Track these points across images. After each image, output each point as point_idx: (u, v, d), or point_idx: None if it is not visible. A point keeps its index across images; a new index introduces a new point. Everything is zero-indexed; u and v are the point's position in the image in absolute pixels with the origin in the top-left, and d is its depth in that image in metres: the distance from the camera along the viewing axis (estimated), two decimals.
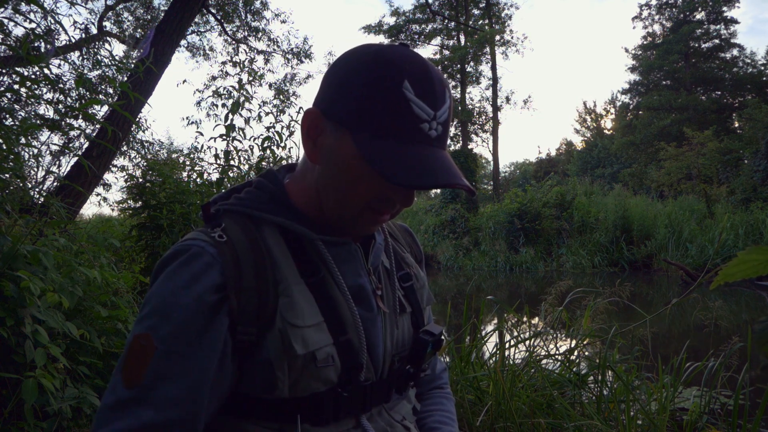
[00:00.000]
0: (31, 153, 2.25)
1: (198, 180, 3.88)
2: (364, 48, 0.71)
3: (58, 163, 2.31)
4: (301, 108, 4.68)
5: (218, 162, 3.75)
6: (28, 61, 1.88)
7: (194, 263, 0.67)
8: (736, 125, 25.66)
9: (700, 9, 28.43)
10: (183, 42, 12.04)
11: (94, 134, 3.89)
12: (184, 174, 4.19)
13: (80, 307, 1.94)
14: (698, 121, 24.88)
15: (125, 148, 9.96)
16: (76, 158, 2.55)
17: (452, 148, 25.85)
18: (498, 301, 3.01)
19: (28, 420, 1.48)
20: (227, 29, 12.01)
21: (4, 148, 1.82)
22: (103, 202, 10.08)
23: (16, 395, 1.54)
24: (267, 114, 3.94)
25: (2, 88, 2.02)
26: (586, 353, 2.69)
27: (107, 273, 1.98)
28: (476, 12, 25.60)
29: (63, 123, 2.44)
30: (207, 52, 13.47)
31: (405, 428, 0.82)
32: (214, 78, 12.60)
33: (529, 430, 1.97)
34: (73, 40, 7.72)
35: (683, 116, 26.05)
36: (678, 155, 18.28)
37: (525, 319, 2.97)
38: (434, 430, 0.90)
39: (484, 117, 26.36)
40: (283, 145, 3.96)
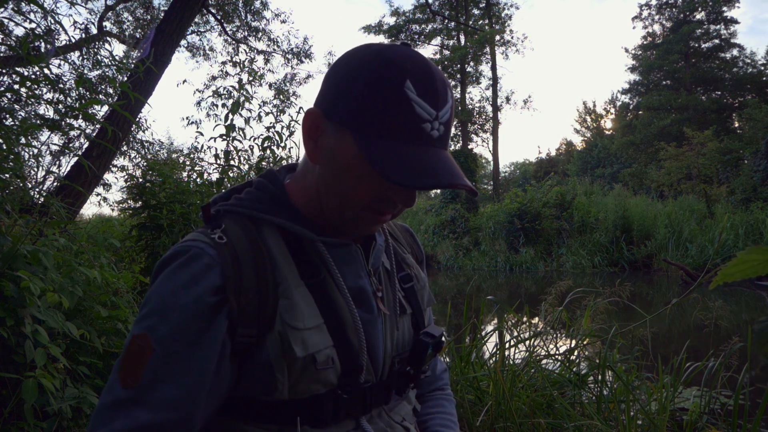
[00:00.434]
0: (31, 153, 2.25)
1: (198, 180, 3.88)
2: (365, 48, 0.70)
3: (58, 163, 2.31)
4: (301, 108, 4.68)
5: (218, 162, 3.76)
6: (28, 61, 1.88)
7: (194, 264, 0.67)
8: (736, 125, 25.67)
9: (700, 9, 28.43)
10: (183, 42, 12.04)
11: (94, 134, 3.89)
12: (184, 174, 4.19)
13: (80, 307, 1.94)
14: (698, 121, 24.89)
15: (125, 148, 9.96)
16: (76, 158, 2.56)
17: (452, 148, 25.84)
18: (498, 301, 3.01)
19: (28, 420, 1.48)
20: (227, 29, 12.00)
21: (4, 148, 1.82)
22: (103, 202, 10.08)
23: (16, 395, 1.54)
24: (267, 114, 3.94)
25: (2, 88, 2.02)
26: (586, 353, 2.69)
27: (107, 273, 1.98)
28: (476, 12, 25.60)
29: (63, 123, 2.44)
30: (207, 52, 13.47)
31: (405, 429, 0.82)
32: (214, 78, 12.62)
33: (529, 430, 1.97)
34: (73, 40, 7.71)
35: (683, 116, 26.05)
36: (678, 155, 18.28)
37: (525, 319, 2.97)
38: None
39: (484, 117, 26.37)
40: (283, 145, 3.97)
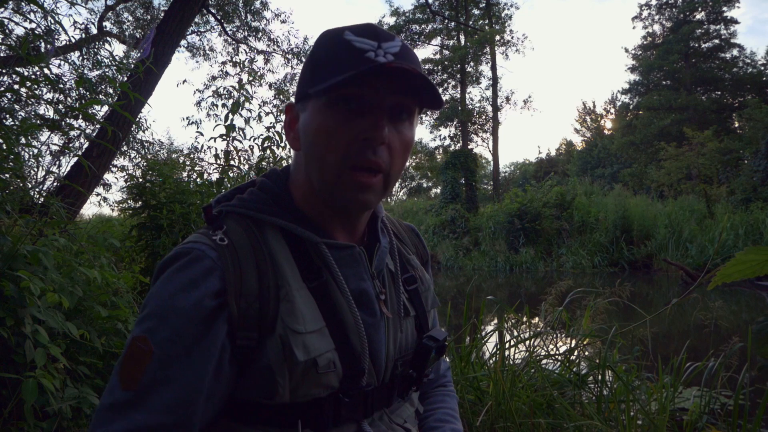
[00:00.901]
0: (31, 153, 2.25)
1: (198, 180, 3.88)
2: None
3: (58, 163, 2.31)
4: None
5: (218, 162, 3.76)
6: (28, 61, 1.87)
7: (194, 267, 0.67)
8: (736, 125, 25.66)
9: (700, 9, 28.42)
10: (183, 42, 12.04)
11: (94, 134, 3.90)
12: (184, 174, 4.19)
13: (80, 307, 1.94)
14: (698, 121, 24.88)
15: (125, 148, 9.97)
16: (76, 158, 2.56)
17: (452, 148, 25.87)
18: (498, 301, 3.01)
19: (28, 420, 1.48)
20: (227, 29, 12.01)
21: (4, 148, 1.82)
22: (103, 202, 10.08)
23: (16, 395, 1.54)
24: (267, 114, 3.95)
25: (2, 88, 2.02)
26: (586, 353, 2.69)
27: (107, 273, 1.98)
28: (476, 12, 25.60)
29: (63, 123, 2.44)
30: (207, 52, 13.48)
31: (406, 431, 0.82)
32: (214, 78, 12.61)
33: (529, 430, 1.97)
34: (73, 40, 7.71)
35: (683, 116, 26.05)
36: (678, 155, 18.29)
37: (525, 319, 2.97)
38: (435, 429, 0.90)
39: (484, 117, 26.37)
40: (283, 145, 3.97)
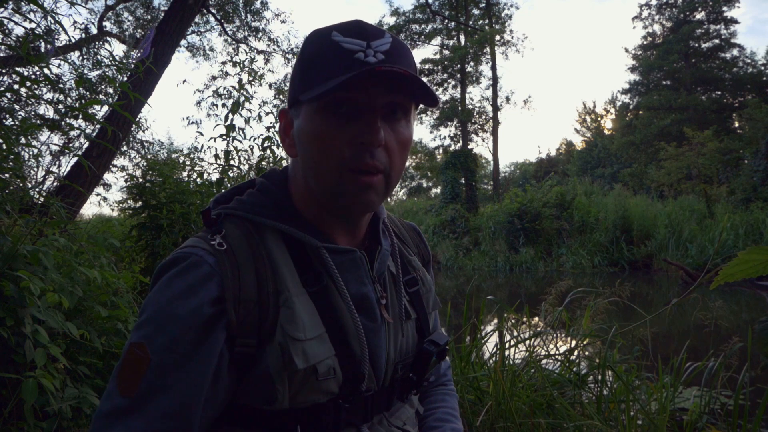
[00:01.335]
0: (31, 153, 2.25)
1: (198, 180, 3.88)
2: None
3: (58, 163, 2.31)
4: None
5: (218, 162, 3.76)
6: (28, 61, 1.87)
7: (192, 273, 0.66)
8: (736, 125, 25.67)
9: (700, 9, 28.43)
10: (183, 42, 12.04)
11: (94, 134, 3.89)
12: (184, 174, 4.20)
13: (80, 307, 1.94)
14: (698, 121, 24.88)
15: (125, 148, 9.98)
16: (76, 158, 2.55)
17: (452, 148, 25.87)
18: (498, 301, 3.01)
19: (28, 420, 1.48)
20: (227, 29, 12.00)
21: (4, 148, 1.82)
22: (103, 202, 10.10)
23: (16, 395, 1.54)
24: (267, 114, 3.95)
25: (2, 88, 2.02)
26: (586, 353, 2.69)
27: (107, 273, 1.97)
28: (476, 12, 25.59)
29: (63, 123, 2.44)
30: (207, 52, 13.48)
31: None
32: (214, 78, 12.61)
33: (529, 430, 1.97)
34: (73, 40, 7.71)
35: (683, 116, 26.06)
36: (678, 155, 18.30)
37: (525, 319, 2.97)
38: (435, 428, 0.89)
39: (484, 117, 26.36)
40: None
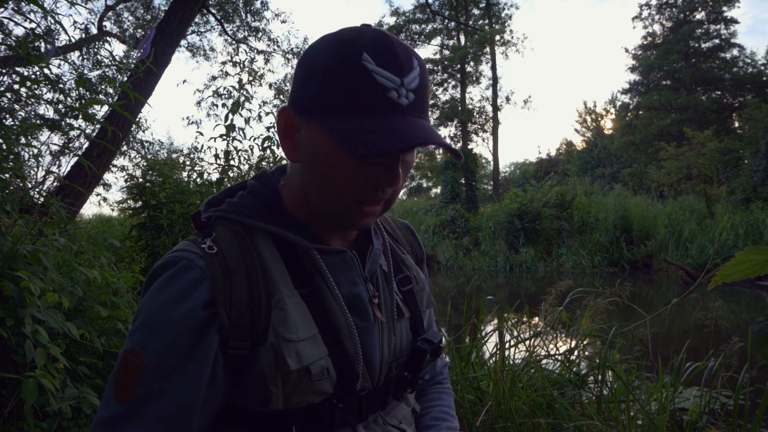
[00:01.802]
0: (31, 153, 2.25)
1: (198, 180, 3.88)
2: (322, 37, 0.70)
3: (58, 163, 2.31)
4: None
5: (218, 162, 3.76)
6: (28, 61, 1.88)
7: (183, 278, 0.66)
8: (736, 125, 25.68)
9: (700, 9, 28.44)
10: (183, 42, 12.05)
11: (94, 134, 3.89)
12: (184, 174, 4.20)
13: (80, 307, 1.94)
14: (698, 121, 24.88)
15: (125, 148, 9.99)
16: (76, 158, 2.55)
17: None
18: (498, 301, 3.01)
19: (28, 420, 1.48)
20: (227, 29, 12.01)
21: (4, 148, 1.82)
22: (103, 202, 10.11)
23: (16, 395, 1.54)
24: (267, 114, 3.95)
25: (2, 88, 2.02)
26: (586, 353, 2.69)
27: (107, 273, 1.98)
28: (476, 12, 25.59)
29: (63, 123, 2.44)
30: (207, 52, 13.51)
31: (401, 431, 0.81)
32: (214, 78, 12.64)
33: (529, 430, 1.97)
34: (73, 40, 7.72)
35: (683, 116, 26.06)
36: (678, 155, 18.31)
37: (525, 319, 2.97)
38: (431, 427, 0.89)
39: (484, 117, 26.35)
40: None
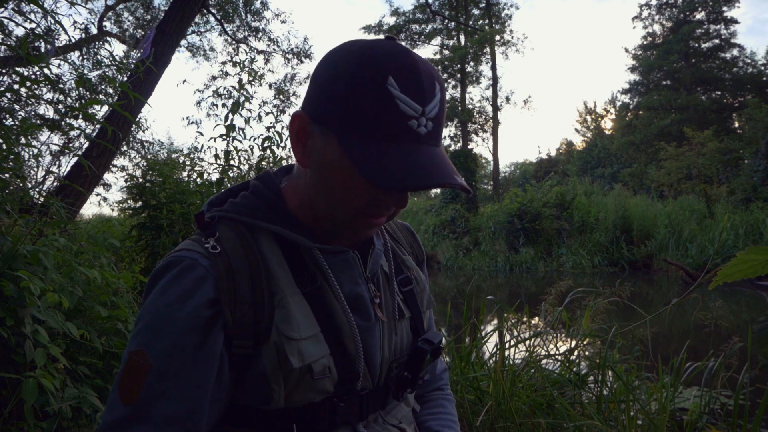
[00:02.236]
0: (31, 153, 2.25)
1: (198, 180, 3.88)
2: (347, 45, 0.68)
3: (58, 163, 2.31)
4: None
5: (218, 162, 3.76)
6: (28, 61, 1.87)
7: (187, 277, 0.66)
8: (736, 125, 25.69)
9: (700, 9, 28.45)
10: (183, 42, 12.05)
11: (94, 134, 3.89)
12: (184, 174, 4.20)
13: (80, 307, 1.94)
14: (698, 121, 24.89)
15: (125, 148, 9.99)
16: (76, 158, 2.55)
17: (452, 148, 25.86)
18: (498, 301, 3.01)
19: (28, 420, 1.48)
20: (227, 29, 12.02)
21: (4, 148, 1.82)
22: (103, 202, 10.12)
23: (16, 395, 1.54)
24: (267, 114, 3.95)
25: (2, 88, 2.02)
26: (586, 353, 2.69)
27: (107, 273, 1.97)
28: (476, 12, 25.60)
29: (63, 123, 2.44)
30: (207, 52, 13.52)
31: (400, 431, 0.82)
32: (214, 78, 12.65)
33: (529, 430, 1.97)
34: (73, 40, 7.72)
35: (683, 116, 26.07)
36: (678, 155, 18.31)
37: (525, 319, 2.97)
38: None
39: (484, 117, 26.36)
40: (283, 145, 3.97)
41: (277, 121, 3.99)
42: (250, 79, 3.93)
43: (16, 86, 2.09)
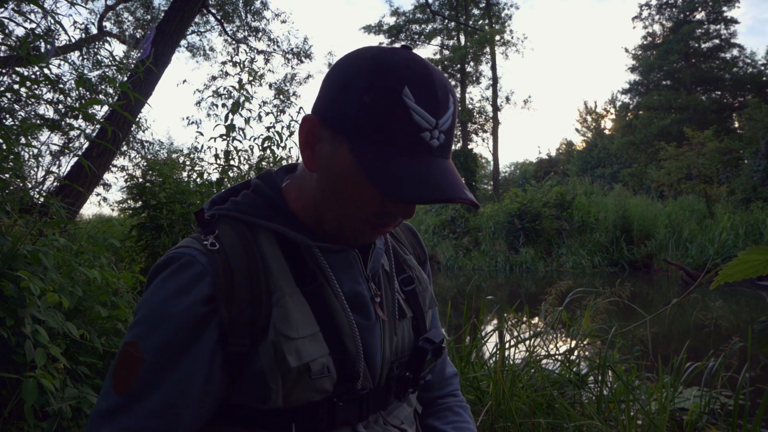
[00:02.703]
0: (31, 153, 2.25)
1: (198, 180, 3.88)
2: (363, 52, 0.68)
3: (58, 163, 2.31)
4: (301, 108, 4.69)
5: (218, 162, 3.76)
6: (28, 61, 1.87)
7: (184, 273, 0.67)
8: (736, 125, 25.68)
9: (700, 9, 28.46)
10: (183, 42, 12.05)
11: (94, 134, 3.89)
12: (184, 174, 4.20)
13: (80, 307, 1.94)
14: (698, 121, 24.89)
15: (125, 148, 9.99)
16: (76, 158, 2.55)
17: (452, 148, 25.87)
18: (498, 301, 3.01)
19: (28, 420, 1.48)
20: (227, 29, 12.02)
21: (4, 148, 1.82)
22: (103, 202, 10.13)
23: (16, 395, 1.54)
24: (267, 114, 3.95)
25: (2, 88, 2.02)
26: (586, 353, 2.70)
27: (107, 273, 1.97)
28: (476, 12, 25.63)
29: (63, 123, 2.44)
30: (207, 52, 13.53)
31: None
32: (214, 78, 12.65)
33: (529, 430, 1.97)
34: (73, 40, 7.73)
35: (683, 116, 26.07)
36: (678, 155, 18.32)
37: (525, 319, 2.97)
38: None
39: (484, 117, 26.39)
40: (283, 145, 3.97)
41: (277, 121, 3.99)
42: (250, 79, 3.93)
43: (16, 86, 2.09)
